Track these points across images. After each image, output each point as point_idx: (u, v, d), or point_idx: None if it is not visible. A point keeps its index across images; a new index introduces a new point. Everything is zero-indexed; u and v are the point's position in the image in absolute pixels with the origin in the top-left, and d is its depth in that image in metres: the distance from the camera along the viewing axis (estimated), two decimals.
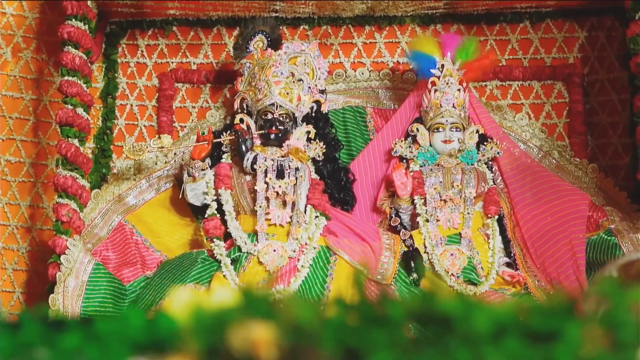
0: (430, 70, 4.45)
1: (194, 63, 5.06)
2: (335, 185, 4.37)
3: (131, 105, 5.04)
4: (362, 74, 4.87)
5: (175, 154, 4.52)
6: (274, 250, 4.05)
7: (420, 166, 4.38)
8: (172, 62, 5.07)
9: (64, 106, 4.29)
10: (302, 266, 4.02)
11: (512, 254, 4.27)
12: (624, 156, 4.83)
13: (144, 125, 5.02)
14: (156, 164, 4.54)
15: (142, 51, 5.09)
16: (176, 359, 0.99)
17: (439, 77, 4.42)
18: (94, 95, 4.80)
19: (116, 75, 5.04)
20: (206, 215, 4.17)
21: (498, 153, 4.43)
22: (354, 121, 4.78)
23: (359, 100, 4.84)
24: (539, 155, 4.64)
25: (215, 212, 4.16)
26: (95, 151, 4.88)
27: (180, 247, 4.37)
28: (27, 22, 4.98)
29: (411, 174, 4.33)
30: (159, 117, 4.99)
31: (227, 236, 4.18)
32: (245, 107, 4.41)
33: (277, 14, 4.88)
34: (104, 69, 5.02)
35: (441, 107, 4.38)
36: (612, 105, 4.89)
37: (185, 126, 4.98)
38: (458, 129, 4.39)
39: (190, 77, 5.02)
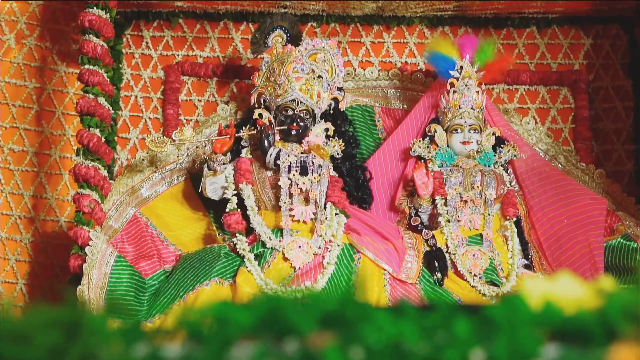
0: (449, 71, 4.45)
1: (200, 56, 5.01)
2: (353, 183, 4.35)
3: (136, 96, 4.98)
4: (372, 73, 4.87)
5: (197, 147, 4.46)
6: (299, 247, 4.02)
7: (439, 167, 4.39)
8: (178, 55, 5.02)
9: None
10: (327, 263, 4.01)
11: (529, 256, 4.31)
12: (627, 163, 4.91)
13: (149, 118, 4.96)
14: (177, 156, 4.48)
15: (147, 42, 5.02)
16: (623, 348, 0.97)
17: (457, 79, 4.44)
18: None
19: (120, 65, 4.97)
20: (227, 210, 4.12)
21: (515, 156, 4.46)
22: (362, 120, 4.78)
23: (367, 99, 4.83)
24: (545, 160, 4.68)
25: (236, 206, 4.13)
26: None
27: (193, 241, 4.32)
28: (31, 9, 4.89)
29: (432, 174, 4.33)
30: (165, 109, 4.93)
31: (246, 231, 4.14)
32: (262, 102, 4.37)
33: (286, 10, 4.85)
34: None
35: (460, 108, 4.40)
36: (616, 112, 4.97)
37: (191, 119, 4.93)
38: (476, 131, 4.41)
39: (197, 70, 4.97)
